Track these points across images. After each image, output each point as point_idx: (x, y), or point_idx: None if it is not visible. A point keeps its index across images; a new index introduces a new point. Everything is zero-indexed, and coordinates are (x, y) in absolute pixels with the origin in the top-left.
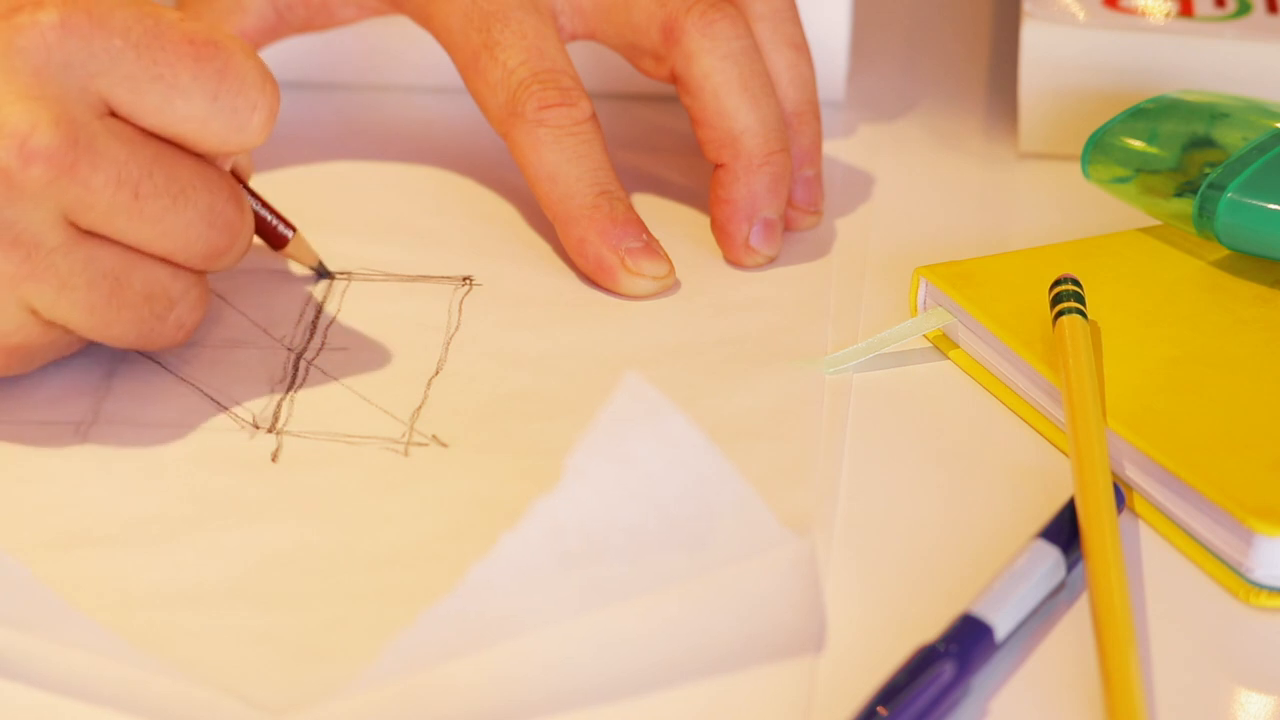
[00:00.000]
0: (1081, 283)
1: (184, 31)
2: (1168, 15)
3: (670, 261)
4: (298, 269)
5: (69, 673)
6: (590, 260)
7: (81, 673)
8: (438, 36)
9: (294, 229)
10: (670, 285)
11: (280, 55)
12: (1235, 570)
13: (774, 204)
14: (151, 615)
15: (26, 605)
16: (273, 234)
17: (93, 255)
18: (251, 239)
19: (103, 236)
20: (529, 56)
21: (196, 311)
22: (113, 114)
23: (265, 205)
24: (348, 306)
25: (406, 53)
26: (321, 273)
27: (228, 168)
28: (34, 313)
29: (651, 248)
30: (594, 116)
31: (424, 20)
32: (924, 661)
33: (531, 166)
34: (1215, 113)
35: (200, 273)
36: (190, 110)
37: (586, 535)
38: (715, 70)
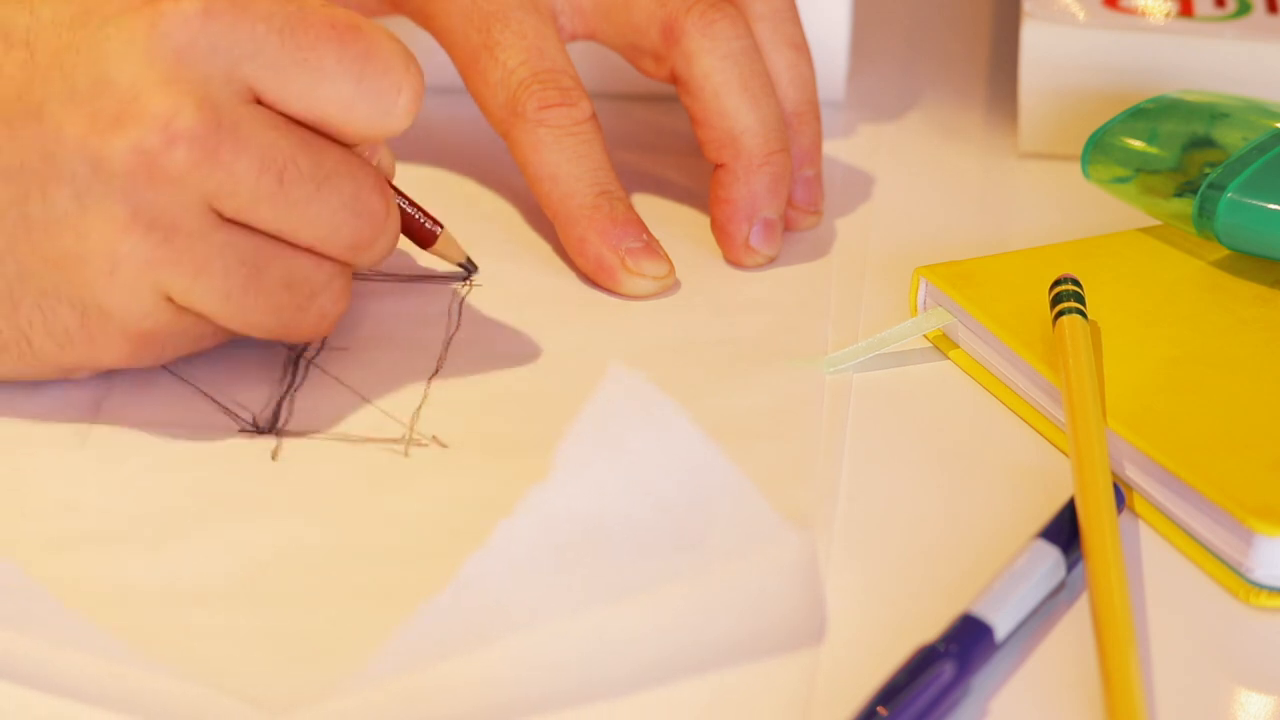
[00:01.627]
0: (1081, 283)
1: (326, 16)
2: (1168, 15)
3: (670, 261)
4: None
5: (67, 674)
6: (590, 260)
7: (80, 674)
8: (438, 37)
9: (441, 226)
10: (670, 285)
11: None
12: (1235, 570)
13: (774, 204)
14: (152, 614)
15: (23, 607)
16: (420, 231)
17: (231, 241)
18: (397, 235)
19: (245, 224)
20: (529, 56)
21: (340, 303)
22: (258, 100)
23: (411, 203)
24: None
25: None
26: (469, 268)
27: (373, 161)
28: (168, 298)
29: (652, 248)
30: (594, 116)
31: (424, 21)
32: (924, 661)
33: (532, 166)
34: (1215, 113)
35: (344, 264)
36: (336, 94)
37: (581, 526)
38: (715, 70)
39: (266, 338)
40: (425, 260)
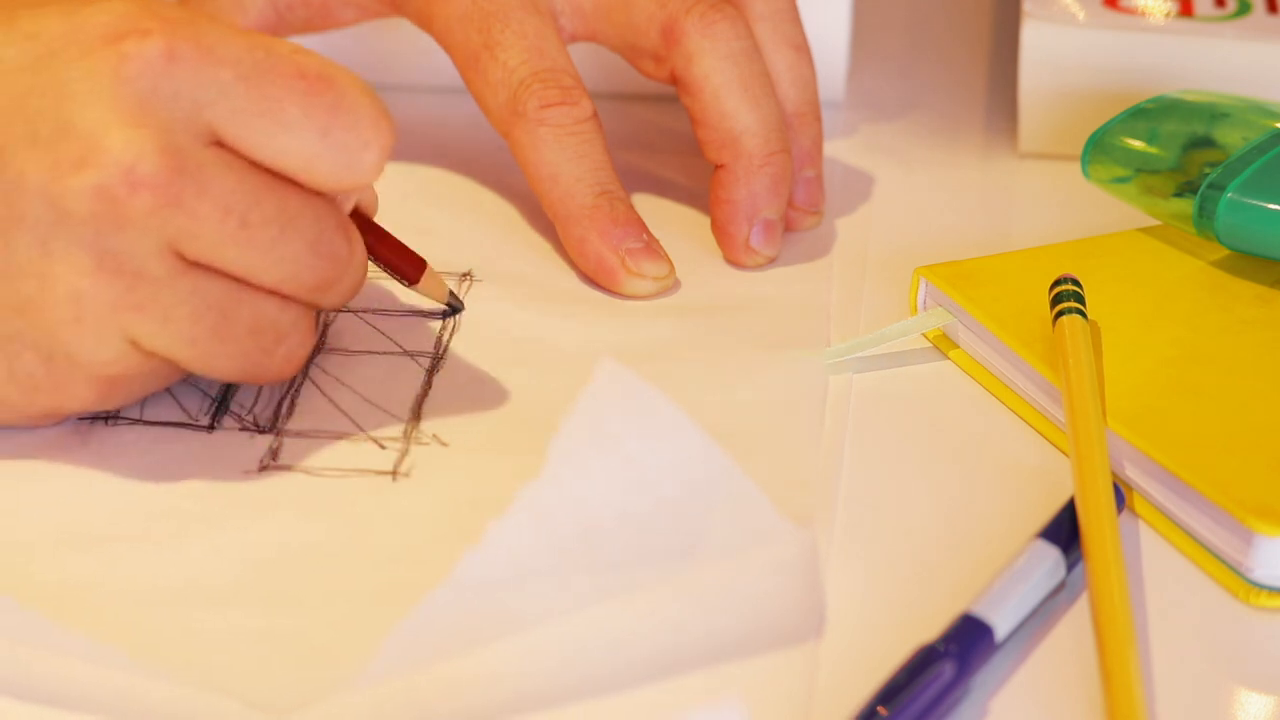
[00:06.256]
0: (1081, 283)
1: (296, 65)
2: (1168, 15)
3: (671, 262)
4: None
5: (67, 682)
6: (591, 260)
7: (80, 681)
8: (438, 37)
9: (424, 265)
10: (670, 285)
11: None
12: (1235, 570)
13: (774, 205)
14: (151, 615)
15: (21, 617)
16: (405, 269)
17: (198, 286)
18: (362, 274)
19: (209, 267)
20: (530, 56)
21: (305, 346)
22: (221, 144)
23: (393, 242)
24: (348, 304)
25: (406, 53)
26: (454, 306)
27: (350, 204)
28: (135, 343)
29: (652, 248)
30: (595, 115)
31: (424, 22)
32: (924, 661)
33: (532, 165)
34: (1215, 113)
35: (309, 305)
36: (299, 145)
37: (576, 522)
38: (715, 71)
39: (234, 380)
40: (426, 258)
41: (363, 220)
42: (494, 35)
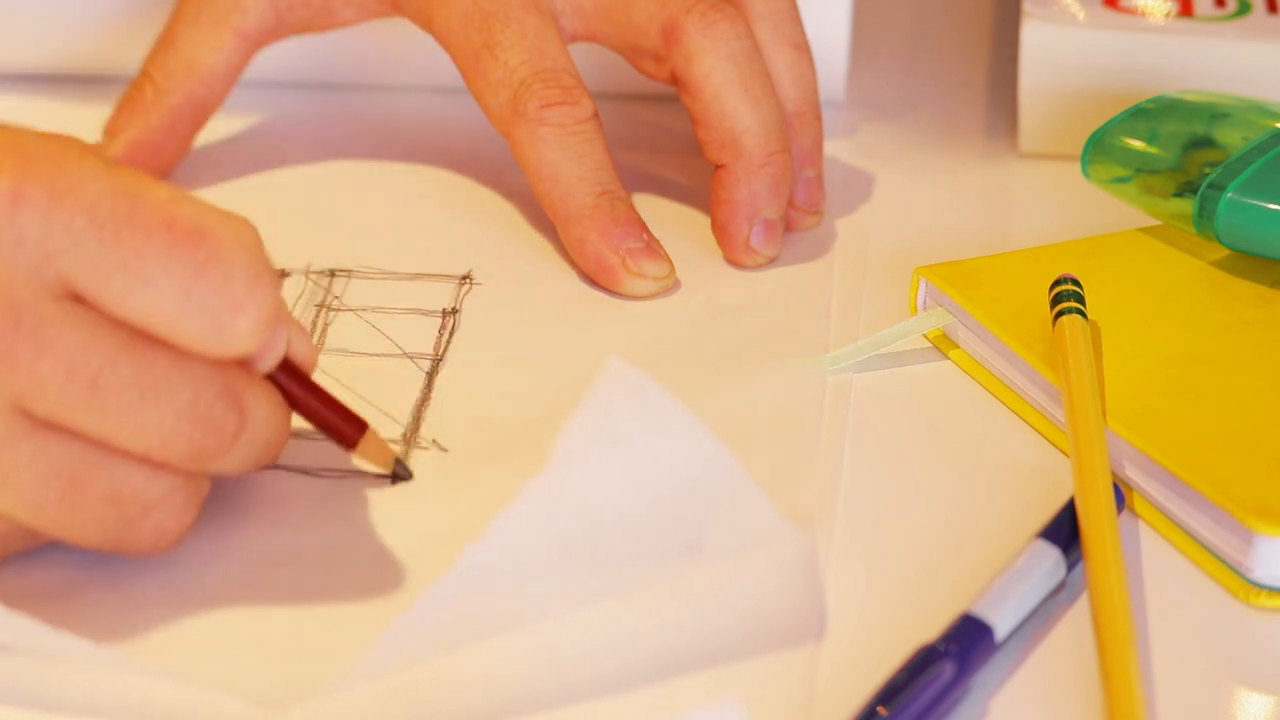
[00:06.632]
0: (1081, 283)
1: (164, 215)
2: (1168, 15)
3: (671, 262)
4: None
5: (65, 686)
6: (591, 260)
7: (78, 683)
8: (438, 38)
9: (364, 427)
10: (670, 285)
11: (280, 55)
12: (1235, 570)
13: (775, 205)
14: (151, 614)
15: (17, 619)
16: (339, 434)
17: (45, 449)
18: (271, 438)
19: (65, 429)
20: (530, 56)
21: (182, 518)
22: (79, 298)
23: (327, 402)
24: (348, 305)
25: (407, 53)
26: (400, 474)
27: (267, 363)
28: None
29: (652, 248)
30: (596, 115)
31: (425, 22)
32: (924, 661)
33: (533, 165)
34: (1215, 113)
35: (191, 474)
36: (160, 305)
37: (578, 520)
38: (716, 71)
39: (94, 550)
40: (425, 260)
41: (294, 375)
42: (495, 35)
